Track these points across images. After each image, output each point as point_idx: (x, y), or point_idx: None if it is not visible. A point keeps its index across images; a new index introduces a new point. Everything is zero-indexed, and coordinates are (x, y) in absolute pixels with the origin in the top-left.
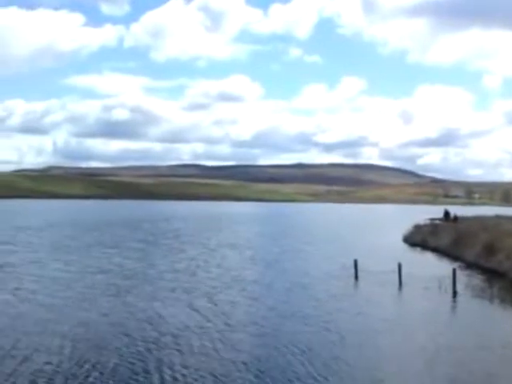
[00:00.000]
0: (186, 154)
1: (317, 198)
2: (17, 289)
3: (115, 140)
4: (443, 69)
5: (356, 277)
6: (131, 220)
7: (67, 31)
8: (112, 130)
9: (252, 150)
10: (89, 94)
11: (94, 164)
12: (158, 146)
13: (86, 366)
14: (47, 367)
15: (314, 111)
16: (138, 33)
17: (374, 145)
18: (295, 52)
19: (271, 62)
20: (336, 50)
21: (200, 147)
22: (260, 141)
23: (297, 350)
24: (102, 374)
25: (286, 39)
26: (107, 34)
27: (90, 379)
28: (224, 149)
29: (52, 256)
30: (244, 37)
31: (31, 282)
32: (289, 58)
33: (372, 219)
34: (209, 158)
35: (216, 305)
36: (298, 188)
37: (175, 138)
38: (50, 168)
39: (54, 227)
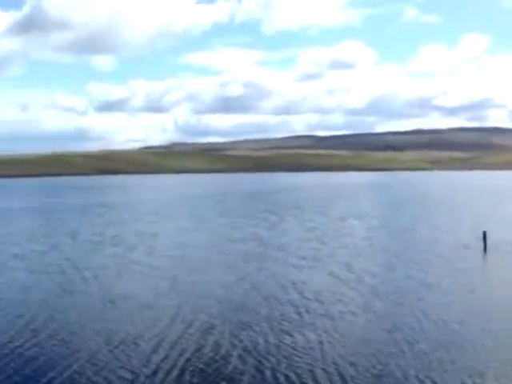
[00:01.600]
0: (299, 125)
1: (438, 165)
2: (166, 256)
3: (230, 114)
4: None
5: (485, 249)
6: (253, 192)
7: (181, 10)
8: (227, 105)
9: (367, 117)
10: (204, 71)
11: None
12: (271, 119)
13: (232, 325)
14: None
15: (433, 73)
16: (249, 6)
17: (501, 106)
18: (411, 12)
19: (385, 25)
20: (455, 6)
21: (313, 118)
22: (375, 108)
23: (443, 320)
24: (248, 334)
25: (400, 0)
26: (219, 10)
27: (238, 339)
28: (338, 118)
29: (191, 225)
30: (357, 1)
31: (177, 248)
32: (404, 20)
33: (502, 187)
34: (322, 128)
35: (352, 272)
36: (417, 155)
37: (288, 109)
38: (172, 144)
39: (188, 199)
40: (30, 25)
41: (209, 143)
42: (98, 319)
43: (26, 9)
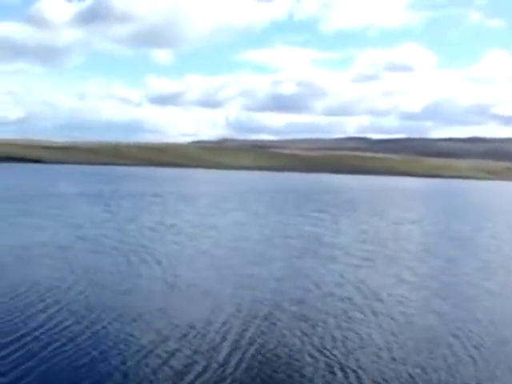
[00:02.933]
0: (351, 126)
1: (494, 175)
2: (225, 247)
3: (283, 113)
4: None
5: None
6: (305, 190)
7: (242, 7)
8: (280, 103)
9: (422, 122)
10: (260, 68)
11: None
12: (323, 119)
13: (295, 319)
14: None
15: (494, 80)
16: (308, 5)
17: None
18: (474, 17)
19: (447, 29)
20: None
21: (366, 120)
22: (431, 112)
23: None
24: (313, 328)
25: (464, 3)
26: (279, 8)
27: (303, 332)
28: (392, 121)
29: (246, 219)
30: (418, 3)
31: (235, 240)
32: (467, 24)
33: None
34: (375, 130)
35: (412, 275)
36: (473, 164)
37: (341, 110)
38: (223, 140)
39: (241, 194)
40: (93, 16)
41: (259, 140)
42: (164, 304)
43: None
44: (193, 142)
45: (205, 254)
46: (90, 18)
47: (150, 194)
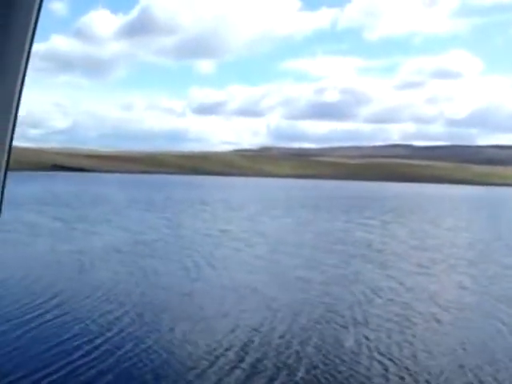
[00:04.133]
0: (395, 134)
1: None
2: (280, 252)
3: (325, 121)
4: None
5: None
6: (348, 198)
7: (284, 16)
8: (322, 111)
9: (468, 129)
10: (302, 77)
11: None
12: (366, 127)
13: (356, 324)
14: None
15: None
16: (352, 14)
17: None
18: None
19: (493, 35)
20: None
21: (411, 127)
22: (478, 119)
23: None
24: (373, 332)
25: (509, 9)
26: (322, 17)
27: (365, 336)
28: (437, 128)
29: (296, 226)
30: (464, 10)
31: (288, 245)
32: None
33: None
34: (420, 138)
35: (477, 282)
36: None
37: (385, 117)
38: (264, 148)
39: (285, 202)
40: (137, 29)
41: (300, 149)
42: (224, 306)
43: (134, 13)
44: (234, 151)
45: (259, 258)
46: (135, 30)
47: (198, 202)
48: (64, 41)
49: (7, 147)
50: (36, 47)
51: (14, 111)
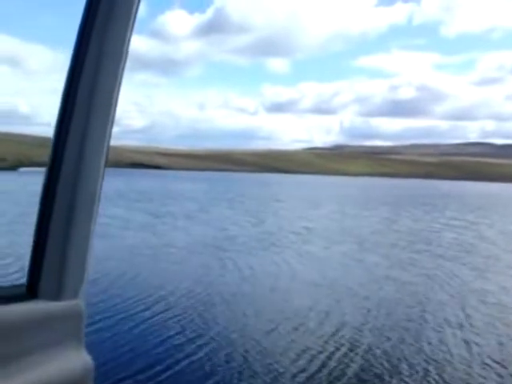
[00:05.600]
0: (472, 131)
1: None
2: (371, 251)
3: (399, 118)
4: None
5: None
6: (428, 196)
7: (359, 13)
8: (397, 108)
9: None
10: (376, 73)
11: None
12: (442, 124)
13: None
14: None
15: None
16: (428, 9)
17: None
18: None
19: None
20: None
21: (490, 124)
22: None
23: None
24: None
25: None
26: (397, 13)
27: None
28: None
29: (378, 224)
30: None
31: (378, 246)
32: None
33: None
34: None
35: None
36: None
37: (462, 114)
38: (337, 146)
39: (362, 200)
40: (212, 28)
41: (374, 146)
42: (324, 306)
43: (209, 12)
44: (307, 149)
45: (345, 255)
46: (209, 29)
47: (277, 199)
48: (141, 41)
49: (105, 148)
50: None
51: (112, 112)
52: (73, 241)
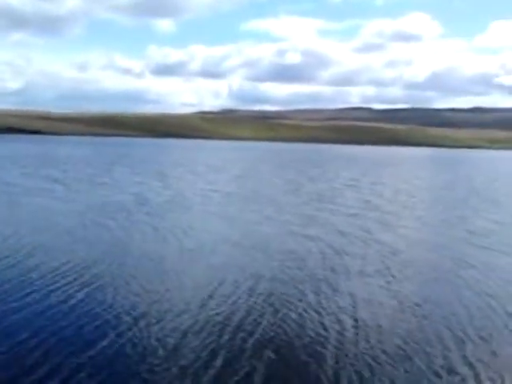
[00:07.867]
0: (355, 96)
1: (499, 144)
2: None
3: (286, 83)
4: None
5: None
6: (318, 160)
7: None
8: (284, 73)
9: (426, 92)
10: (264, 37)
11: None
12: (327, 89)
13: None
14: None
15: (499, 50)
16: None
17: None
18: None
19: None
20: None
21: (370, 90)
22: (435, 83)
23: None
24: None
25: None
26: None
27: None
28: (396, 91)
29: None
30: None
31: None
32: None
33: None
34: (379, 101)
35: None
36: (475, 134)
37: (345, 80)
38: (225, 111)
39: (255, 164)
40: None
41: (262, 111)
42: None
43: None
44: (195, 113)
45: (254, 212)
46: None
47: (178, 164)
48: None
49: None
50: None
51: None
52: None
